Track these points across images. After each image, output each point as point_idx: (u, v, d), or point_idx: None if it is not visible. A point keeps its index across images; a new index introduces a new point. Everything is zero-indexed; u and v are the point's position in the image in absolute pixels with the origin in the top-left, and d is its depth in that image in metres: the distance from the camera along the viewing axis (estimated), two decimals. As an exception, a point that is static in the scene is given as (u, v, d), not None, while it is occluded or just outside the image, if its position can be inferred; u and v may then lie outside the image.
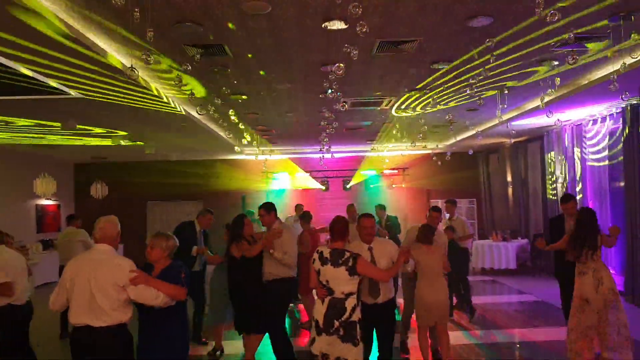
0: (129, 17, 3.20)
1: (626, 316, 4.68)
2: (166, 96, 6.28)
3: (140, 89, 5.67)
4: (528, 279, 10.30)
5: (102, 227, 3.28)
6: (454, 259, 7.01)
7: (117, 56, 4.60)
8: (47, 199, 12.14)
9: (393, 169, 13.53)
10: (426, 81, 6.09)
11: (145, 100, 6.28)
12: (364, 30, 2.92)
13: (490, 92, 6.74)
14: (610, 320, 4.65)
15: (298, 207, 9.58)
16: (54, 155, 11.71)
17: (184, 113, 7.06)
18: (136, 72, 3.12)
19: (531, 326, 6.64)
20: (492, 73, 5.27)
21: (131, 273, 3.12)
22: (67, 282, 3.14)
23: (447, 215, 7.86)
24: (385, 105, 7.53)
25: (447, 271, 4.83)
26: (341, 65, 3.26)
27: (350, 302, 3.51)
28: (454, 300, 7.58)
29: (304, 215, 7.35)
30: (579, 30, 4.42)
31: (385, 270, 3.88)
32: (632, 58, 4.16)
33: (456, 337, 6.26)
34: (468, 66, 5.44)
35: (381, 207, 8.61)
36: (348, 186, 13.57)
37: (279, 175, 13.61)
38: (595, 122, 8.90)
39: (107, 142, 9.52)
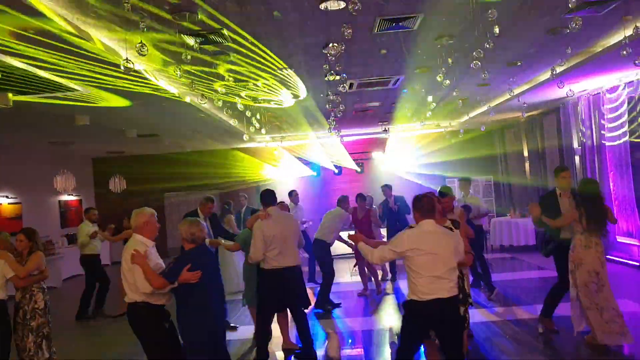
0: (124, 7, 3.21)
1: None
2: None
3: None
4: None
5: (132, 219, 3.79)
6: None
7: (116, 48, 4.62)
8: (69, 194, 12.47)
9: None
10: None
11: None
12: (357, 7, 2.86)
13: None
14: (607, 297, 4.63)
15: (292, 193, 9.18)
16: (71, 150, 11.94)
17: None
18: (131, 63, 3.13)
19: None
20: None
21: (133, 251, 3.52)
22: None
23: (462, 194, 7.82)
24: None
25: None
26: (335, 45, 3.19)
27: None
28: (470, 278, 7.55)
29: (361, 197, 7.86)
30: None
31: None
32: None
33: (474, 314, 6.23)
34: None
35: (387, 187, 8.69)
36: (359, 169, 13.57)
37: (291, 162, 13.60)
38: (612, 90, 8.61)
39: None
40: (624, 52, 3.97)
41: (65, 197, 12.50)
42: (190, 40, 4.32)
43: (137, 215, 3.72)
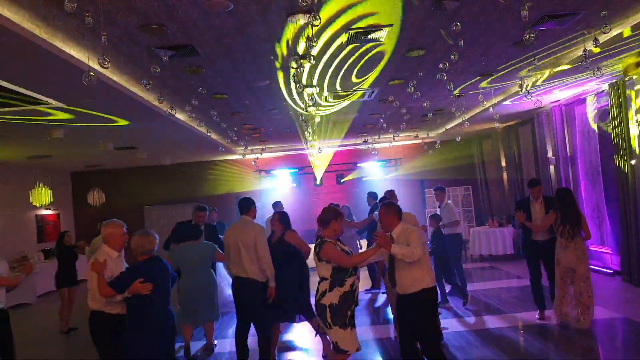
0: (88, 23, 3.22)
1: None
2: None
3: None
4: (526, 264, 10.23)
5: (101, 230, 3.96)
6: (440, 246, 7.06)
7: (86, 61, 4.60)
8: (46, 208, 12.28)
9: (386, 160, 13.47)
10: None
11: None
12: (317, 23, 2.92)
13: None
14: (585, 288, 5.46)
15: (277, 204, 8.83)
16: (49, 165, 11.79)
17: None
18: (93, 77, 3.14)
19: (530, 310, 6.61)
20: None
21: (93, 259, 3.64)
22: None
23: (437, 203, 7.93)
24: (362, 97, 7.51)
25: None
26: (297, 57, 3.24)
27: (322, 286, 3.75)
28: (447, 287, 7.60)
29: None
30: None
31: (353, 256, 3.80)
32: (604, 33, 4.12)
33: (451, 324, 6.26)
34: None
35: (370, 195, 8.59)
36: (342, 180, 13.55)
37: (272, 173, 13.56)
38: (583, 101, 8.84)
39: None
40: (582, 63, 4.11)
41: (42, 212, 12.29)
42: (161, 54, 4.34)
43: (103, 227, 3.92)
